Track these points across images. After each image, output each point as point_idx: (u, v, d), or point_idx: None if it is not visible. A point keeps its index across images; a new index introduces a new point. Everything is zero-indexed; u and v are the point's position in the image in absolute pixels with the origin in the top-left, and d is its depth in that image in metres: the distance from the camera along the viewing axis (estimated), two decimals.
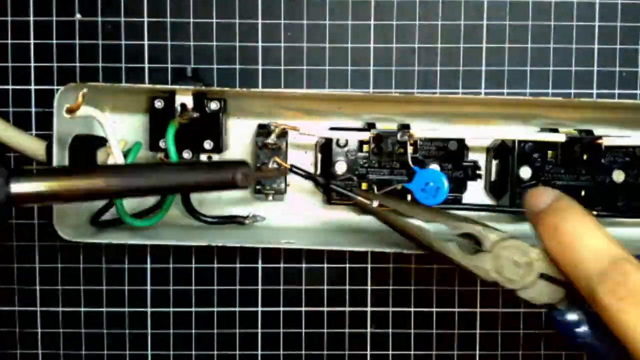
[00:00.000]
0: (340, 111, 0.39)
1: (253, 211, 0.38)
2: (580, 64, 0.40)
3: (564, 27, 0.40)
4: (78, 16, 0.39)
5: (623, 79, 0.40)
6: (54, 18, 0.39)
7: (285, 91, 0.35)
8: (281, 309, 0.41)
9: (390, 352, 0.41)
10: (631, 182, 0.37)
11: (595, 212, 0.37)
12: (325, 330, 0.41)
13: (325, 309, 0.41)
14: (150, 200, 0.38)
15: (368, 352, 0.41)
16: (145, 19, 0.39)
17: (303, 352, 0.41)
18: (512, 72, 0.40)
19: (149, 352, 0.41)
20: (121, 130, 0.38)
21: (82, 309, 0.40)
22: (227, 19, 0.39)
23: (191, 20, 0.39)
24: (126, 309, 0.41)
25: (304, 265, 0.41)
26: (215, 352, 0.41)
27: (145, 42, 0.39)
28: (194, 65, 0.39)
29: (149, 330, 0.41)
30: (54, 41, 0.39)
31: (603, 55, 0.40)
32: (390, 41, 0.40)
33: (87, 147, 0.35)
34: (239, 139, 0.39)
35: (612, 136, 0.37)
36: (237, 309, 0.41)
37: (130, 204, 0.37)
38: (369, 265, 0.41)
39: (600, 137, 0.37)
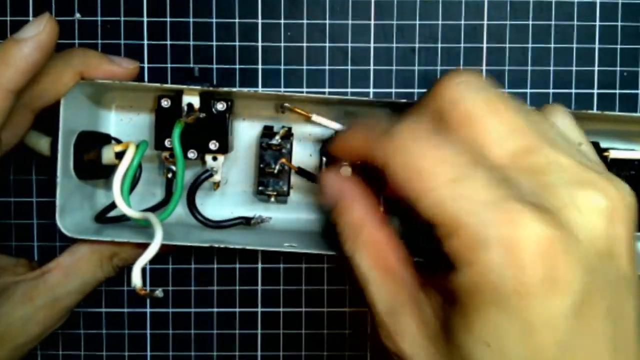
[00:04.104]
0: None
1: (256, 213, 0.38)
2: (581, 63, 0.40)
3: (564, 26, 0.40)
4: (78, 15, 0.39)
5: (624, 78, 0.40)
6: (54, 17, 0.39)
7: (294, 95, 0.35)
8: (281, 309, 0.41)
9: None
10: (636, 196, 0.37)
11: None
12: (325, 331, 0.41)
13: (325, 309, 0.41)
14: (156, 199, 0.38)
15: (368, 354, 0.41)
16: (145, 19, 0.39)
17: (303, 352, 0.41)
18: (512, 72, 0.40)
19: (148, 353, 0.41)
20: (126, 129, 0.38)
21: (82, 310, 0.40)
22: (227, 18, 0.39)
23: (191, 19, 0.39)
24: (125, 310, 0.41)
25: (303, 266, 0.41)
26: (215, 353, 0.41)
27: (145, 42, 0.39)
28: (194, 65, 0.39)
29: (148, 331, 0.41)
30: None
31: (604, 55, 0.40)
32: (390, 41, 0.40)
33: (92, 143, 0.35)
34: (244, 139, 0.38)
35: (619, 149, 0.37)
36: (237, 309, 0.41)
37: (133, 202, 0.36)
38: None
39: (606, 150, 0.37)
